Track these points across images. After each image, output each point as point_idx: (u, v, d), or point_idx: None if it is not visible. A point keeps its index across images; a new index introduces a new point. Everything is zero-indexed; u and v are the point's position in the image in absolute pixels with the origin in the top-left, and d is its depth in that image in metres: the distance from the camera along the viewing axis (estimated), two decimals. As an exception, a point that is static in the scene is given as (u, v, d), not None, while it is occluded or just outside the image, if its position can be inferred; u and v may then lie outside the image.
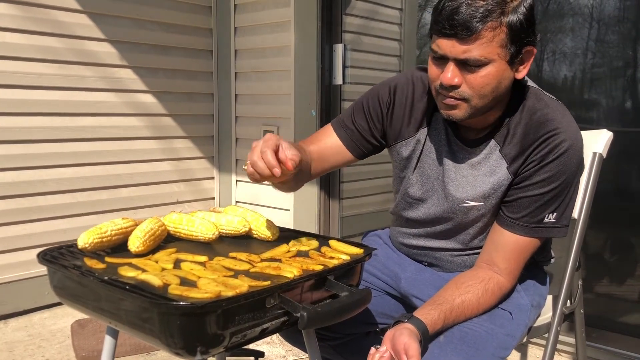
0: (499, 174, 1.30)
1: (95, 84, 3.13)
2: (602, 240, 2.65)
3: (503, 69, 1.19)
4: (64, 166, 3.05)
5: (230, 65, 3.63)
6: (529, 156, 1.26)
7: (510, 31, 1.16)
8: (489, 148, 1.32)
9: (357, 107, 1.47)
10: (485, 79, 1.18)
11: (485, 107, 1.24)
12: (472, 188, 1.34)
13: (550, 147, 1.24)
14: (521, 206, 1.28)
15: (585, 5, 2.63)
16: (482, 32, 1.13)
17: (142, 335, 1.04)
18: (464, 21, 1.13)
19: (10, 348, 2.55)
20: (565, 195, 1.28)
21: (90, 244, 1.22)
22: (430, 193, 1.41)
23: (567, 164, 1.25)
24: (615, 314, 2.61)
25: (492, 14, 1.13)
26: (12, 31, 2.80)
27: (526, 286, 1.42)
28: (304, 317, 1.03)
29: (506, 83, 1.22)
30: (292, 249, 1.32)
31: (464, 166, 1.35)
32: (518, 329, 1.32)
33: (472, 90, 1.20)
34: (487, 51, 1.15)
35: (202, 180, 3.77)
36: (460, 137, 1.35)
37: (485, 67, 1.17)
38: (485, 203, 1.33)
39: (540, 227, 1.28)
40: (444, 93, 1.22)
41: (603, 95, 2.62)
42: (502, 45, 1.16)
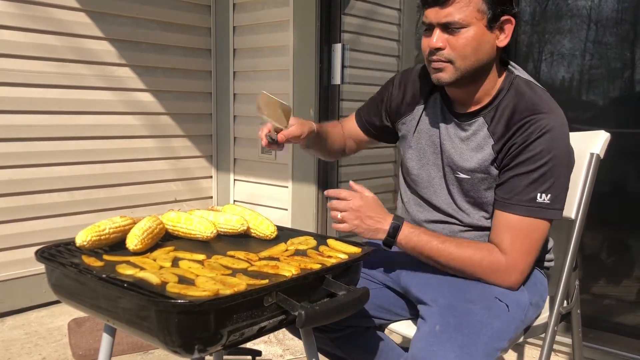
0: (485, 150, 1.39)
1: (93, 82, 3.13)
2: (599, 241, 2.65)
3: (482, 32, 1.32)
4: (62, 164, 3.05)
5: (228, 65, 3.63)
6: (513, 136, 1.34)
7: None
8: (477, 125, 1.41)
9: (372, 97, 1.69)
10: (465, 40, 1.32)
11: (469, 70, 1.35)
12: (461, 160, 1.43)
13: (534, 127, 1.32)
14: (511, 185, 1.35)
15: (584, 6, 2.63)
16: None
17: (140, 334, 1.04)
18: None
19: (7, 346, 2.55)
20: (555, 176, 1.33)
21: (89, 241, 1.22)
22: (427, 165, 1.51)
23: (551, 144, 1.31)
24: (611, 315, 2.61)
25: None
26: (10, 29, 2.79)
27: (529, 285, 1.43)
28: (301, 315, 1.03)
29: (487, 48, 1.34)
30: (290, 247, 1.32)
31: (456, 139, 1.45)
32: (513, 322, 1.33)
33: (456, 52, 1.33)
34: (465, 14, 1.30)
35: (200, 179, 3.77)
36: (453, 113, 1.46)
37: (465, 30, 1.31)
38: (472, 177, 1.42)
39: (534, 206, 1.33)
40: (432, 58, 1.36)
41: (601, 96, 2.63)
42: (479, 9, 1.30)
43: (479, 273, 1.35)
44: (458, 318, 1.26)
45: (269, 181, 3.52)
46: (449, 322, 1.25)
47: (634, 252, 2.59)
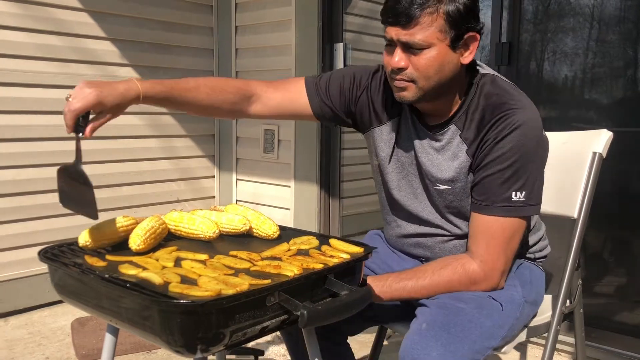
0: (460, 157, 1.37)
1: (96, 82, 3.13)
2: (601, 240, 2.65)
3: (445, 52, 1.28)
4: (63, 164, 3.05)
5: (231, 64, 3.63)
6: (484, 136, 1.33)
7: (448, 17, 1.25)
8: (450, 133, 1.39)
9: (334, 79, 1.54)
10: (428, 61, 1.28)
11: (433, 89, 1.32)
12: (439, 171, 1.40)
13: (504, 124, 1.30)
14: (485, 186, 1.33)
15: (586, 5, 2.63)
16: (421, 18, 1.24)
17: (143, 333, 1.04)
18: (403, 9, 1.25)
19: (11, 346, 2.56)
20: (528, 172, 1.31)
21: (91, 242, 1.22)
22: (407, 178, 1.48)
23: (521, 140, 1.29)
24: (615, 314, 2.61)
25: (428, 1, 1.24)
26: (12, 29, 2.80)
27: (523, 281, 1.43)
28: (304, 315, 1.03)
29: (450, 67, 1.31)
30: (292, 247, 1.32)
31: (431, 151, 1.42)
32: (507, 321, 1.32)
33: (418, 72, 1.29)
34: (427, 35, 1.26)
35: (203, 179, 3.77)
36: (424, 124, 1.43)
37: (427, 50, 1.27)
38: (453, 187, 1.39)
39: (510, 205, 1.31)
40: (394, 77, 1.33)
41: (603, 95, 2.62)
42: (441, 30, 1.26)
43: (463, 289, 1.34)
44: (447, 317, 1.26)
45: (271, 181, 3.52)
46: (436, 321, 1.25)
47: (637, 250, 2.59)
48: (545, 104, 2.72)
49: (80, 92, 1.21)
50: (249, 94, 1.48)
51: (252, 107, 1.50)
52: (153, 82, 1.33)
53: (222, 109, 1.47)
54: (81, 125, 1.23)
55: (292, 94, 1.54)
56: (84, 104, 1.20)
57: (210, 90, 1.42)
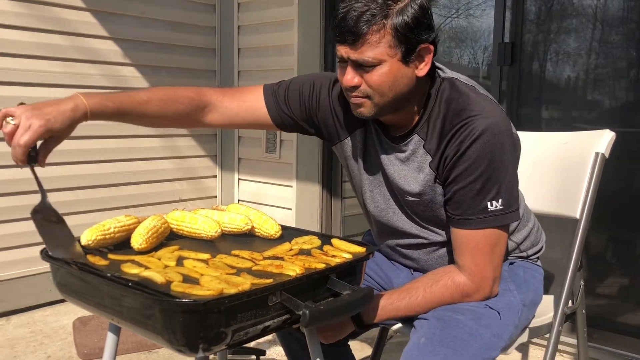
0: (425, 169, 1.33)
1: (99, 81, 3.14)
2: (604, 241, 2.64)
3: (397, 67, 1.24)
4: (66, 164, 3.06)
5: (233, 64, 3.63)
6: (446, 148, 1.29)
7: (396, 32, 1.21)
8: (413, 143, 1.35)
9: (293, 86, 1.49)
10: (380, 78, 1.24)
11: (389, 103, 1.28)
12: (406, 183, 1.37)
13: (464, 135, 1.25)
14: (458, 200, 1.29)
15: (589, 5, 2.62)
16: (367, 35, 1.20)
17: (145, 332, 1.05)
18: (349, 27, 1.20)
19: (12, 345, 2.56)
20: (499, 179, 1.26)
21: (94, 240, 1.22)
22: (379, 189, 1.45)
23: (485, 148, 1.24)
24: (617, 315, 2.60)
25: (374, 18, 1.19)
26: (16, 28, 2.81)
27: (517, 283, 1.41)
28: (306, 315, 1.03)
29: (405, 80, 1.26)
30: (294, 247, 1.32)
31: (396, 162, 1.38)
32: (506, 330, 1.30)
33: (371, 89, 1.25)
34: (376, 52, 1.21)
35: (205, 178, 3.78)
36: (389, 136, 1.39)
37: (378, 67, 1.23)
38: (421, 199, 1.36)
39: (487, 216, 1.26)
40: (348, 94, 1.29)
41: (606, 95, 2.62)
42: (390, 46, 1.22)
43: (456, 302, 1.31)
44: (445, 330, 1.24)
45: (273, 180, 3.52)
46: (434, 335, 1.23)
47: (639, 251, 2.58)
48: (548, 104, 2.71)
49: (25, 123, 1.13)
50: (203, 104, 1.43)
51: (207, 117, 1.45)
52: (101, 98, 1.28)
53: (176, 120, 1.42)
54: (32, 155, 1.18)
55: (249, 104, 1.48)
56: (33, 136, 1.14)
57: (161, 103, 1.36)
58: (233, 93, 1.49)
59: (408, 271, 1.52)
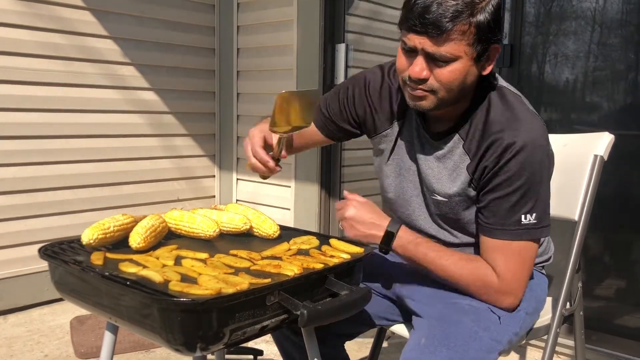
0: (461, 172, 1.33)
1: (98, 80, 3.14)
2: (602, 243, 2.65)
3: (469, 66, 1.23)
4: (65, 162, 3.06)
5: (232, 64, 3.63)
6: (485, 155, 1.29)
7: (478, 31, 1.20)
8: (453, 142, 1.34)
9: (333, 95, 1.55)
10: (452, 74, 1.22)
11: (451, 99, 1.27)
12: (438, 182, 1.36)
13: (503, 147, 1.25)
14: (492, 209, 1.29)
15: (588, 8, 2.63)
16: (452, 31, 1.17)
17: (142, 331, 1.04)
18: (434, 20, 1.17)
19: (10, 343, 2.56)
20: (536, 194, 1.27)
21: (95, 240, 1.22)
22: (403, 184, 1.45)
23: (525, 162, 1.25)
24: (615, 317, 2.61)
25: (461, 14, 1.17)
26: (15, 27, 2.80)
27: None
28: (304, 315, 1.03)
29: (472, 79, 1.26)
30: (292, 247, 1.32)
31: (431, 158, 1.38)
32: (505, 335, 1.29)
33: (440, 84, 1.23)
34: (455, 49, 1.19)
35: (203, 178, 3.77)
36: (428, 130, 1.39)
37: (452, 63, 1.21)
38: (450, 200, 1.36)
39: (520, 229, 1.27)
40: (412, 85, 1.26)
41: (605, 98, 2.62)
42: (470, 43, 1.20)
43: (473, 291, 1.31)
44: (445, 331, 1.24)
45: (271, 181, 3.52)
46: (435, 335, 1.23)
47: (638, 253, 2.59)
48: (547, 106, 2.72)
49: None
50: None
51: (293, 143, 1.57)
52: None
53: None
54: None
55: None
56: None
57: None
58: None
59: (412, 267, 1.52)
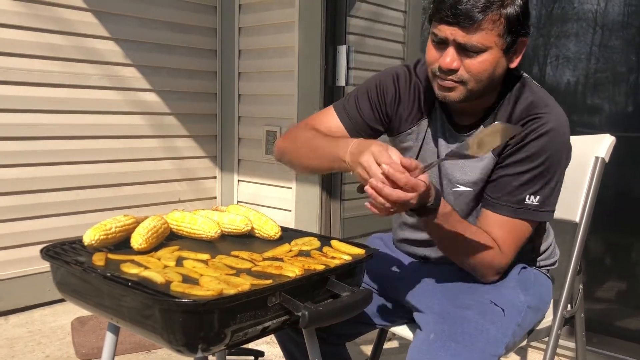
0: (486, 157, 1.34)
1: (99, 82, 3.14)
2: (603, 245, 2.65)
3: (499, 57, 1.25)
4: (66, 163, 3.06)
5: (233, 65, 3.63)
6: (511, 138, 1.29)
7: (508, 22, 1.22)
8: None
9: (361, 94, 1.50)
10: (482, 65, 1.24)
11: (480, 91, 1.29)
12: (462, 173, 1.38)
13: (531, 128, 1.29)
14: (501, 184, 1.32)
15: (590, 10, 2.63)
16: (483, 22, 1.20)
17: (144, 332, 1.05)
18: (466, 11, 1.19)
19: (11, 344, 2.56)
20: (547, 178, 1.30)
21: (96, 240, 1.22)
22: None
23: (547, 145, 1.28)
24: (616, 319, 2.60)
25: (492, 5, 1.20)
26: (17, 28, 2.80)
27: (524, 286, 1.41)
28: (305, 316, 1.03)
29: (500, 70, 1.29)
30: (294, 248, 1.32)
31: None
32: (509, 327, 1.31)
33: (470, 75, 1.26)
34: (486, 39, 1.22)
35: (204, 179, 3.77)
36: (454, 124, 1.40)
37: (483, 54, 1.23)
38: (474, 189, 1.37)
39: (521, 207, 1.30)
40: (442, 76, 1.28)
41: (606, 100, 2.62)
42: (500, 34, 1.23)
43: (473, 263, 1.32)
44: (452, 326, 1.24)
45: (272, 182, 3.52)
46: (443, 330, 1.24)
47: (639, 255, 2.59)
48: (548, 108, 2.71)
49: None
50: None
51: None
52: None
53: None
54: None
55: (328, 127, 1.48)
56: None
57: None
58: (314, 124, 1.50)
59: (412, 266, 1.53)
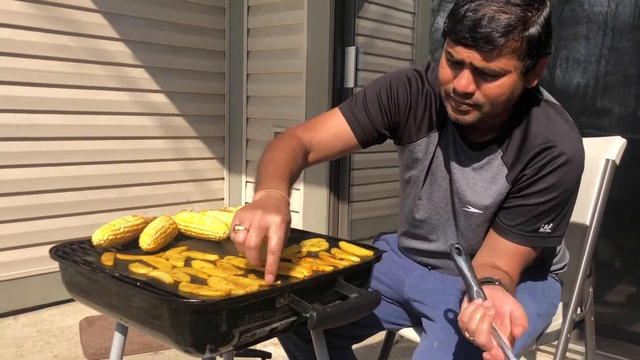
0: (499, 182, 1.30)
1: (108, 83, 3.15)
2: (614, 248, 2.63)
3: (517, 80, 1.19)
4: (75, 164, 3.07)
5: (242, 67, 3.64)
6: (527, 165, 1.26)
7: (529, 45, 1.15)
8: (492, 153, 1.32)
9: (370, 97, 1.43)
10: (499, 89, 1.18)
11: (495, 113, 1.24)
12: (474, 193, 1.34)
13: (549, 157, 1.24)
14: (517, 214, 1.28)
15: (600, 12, 2.61)
16: (504, 46, 1.13)
17: (152, 332, 1.04)
18: (486, 34, 1.12)
19: (19, 344, 2.57)
20: (562, 208, 1.27)
21: (105, 240, 1.22)
22: (438, 194, 1.41)
23: (565, 177, 1.24)
24: (626, 323, 2.58)
25: (514, 29, 1.12)
26: (27, 29, 2.82)
27: (534, 293, 1.40)
28: (313, 317, 1.02)
29: (517, 92, 1.23)
30: (302, 249, 1.32)
31: (468, 170, 1.35)
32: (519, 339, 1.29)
33: (486, 99, 1.20)
34: (505, 63, 1.15)
35: (212, 180, 3.78)
36: (466, 141, 1.35)
37: (501, 78, 1.17)
38: (485, 212, 1.33)
39: (534, 236, 1.28)
40: (457, 98, 1.22)
41: (616, 102, 2.61)
42: (520, 58, 1.16)
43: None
44: (459, 335, 1.23)
45: (280, 183, 3.51)
46: (448, 339, 1.23)
47: (649, 260, 2.57)
48: (558, 110, 2.70)
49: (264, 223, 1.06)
50: (307, 147, 1.40)
51: (309, 158, 1.42)
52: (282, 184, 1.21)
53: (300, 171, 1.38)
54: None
55: (334, 130, 1.43)
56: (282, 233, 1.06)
57: (294, 163, 1.31)
58: (315, 127, 1.44)
59: (420, 270, 1.51)
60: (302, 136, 1.40)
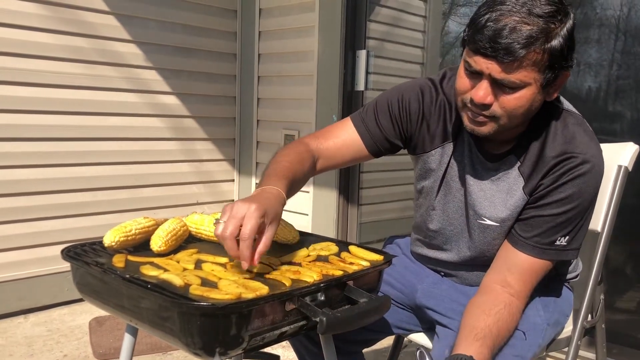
0: (516, 193, 1.28)
1: (120, 84, 3.17)
2: (625, 255, 2.60)
3: (536, 92, 1.17)
4: (86, 164, 3.09)
5: (253, 69, 3.65)
6: (545, 175, 1.24)
7: (551, 57, 1.13)
8: (509, 164, 1.30)
9: (381, 107, 1.42)
10: (518, 102, 1.16)
11: (512, 126, 1.22)
12: (491, 205, 1.31)
13: (567, 167, 1.22)
14: (534, 225, 1.26)
15: (612, 16, 2.60)
16: (524, 58, 1.11)
17: (162, 334, 1.05)
18: (507, 45, 1.09)
19: (30, 343, 2.59)
20: (579, 220, 1.25)
21: (117, 242, 1.23)
22: (452, 206, 1.39)
23: (584, 188, 1.22)
24: (637, 330, 2.56)
25: (536, 41, 1.10)
26: (40, 30, 2.85)
27: (546, 303, 1.38)
28: (322, 321, 1.02)
29: (537, 105, 1.20)
30: (312, 253, 1.32)
31: (485, 182, 1.33)
32: (530, 350, 1.27)
33: (504, 111, 1.17)
34: (525, 76, 1.13)
35: (222, 182, 3.79)
36: (483, 151, 1.33)
37: (520, 90, 1.15)
38: (502, 225, 1.31)
39: (550, 249, 1.26)
40: (474, 109, 1.20)
41: (629, 107, 2.59)
42: (541, 70, 1.14)
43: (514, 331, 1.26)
44: None
45: (290, 186, 3.52)
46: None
47: (661, 267, 2.54)
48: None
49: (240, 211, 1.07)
50: (315, 155, 1.39)
51: (318, 165, 1.41)
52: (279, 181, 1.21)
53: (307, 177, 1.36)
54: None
55: (343, 139, 1.42)
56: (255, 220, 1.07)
57: (298, 166, 1.31)
58: (324, 135, 1.44)
59: (433, 276, 1.50)
60: (310, 143, 1.41)
